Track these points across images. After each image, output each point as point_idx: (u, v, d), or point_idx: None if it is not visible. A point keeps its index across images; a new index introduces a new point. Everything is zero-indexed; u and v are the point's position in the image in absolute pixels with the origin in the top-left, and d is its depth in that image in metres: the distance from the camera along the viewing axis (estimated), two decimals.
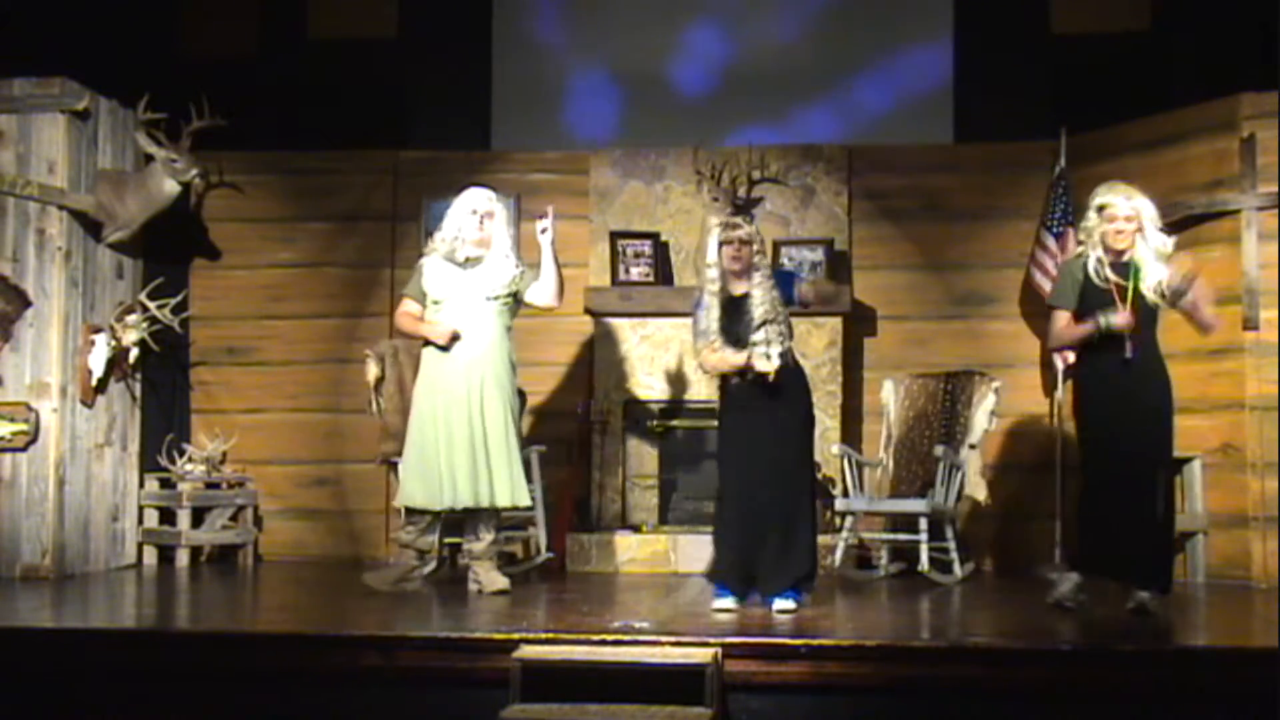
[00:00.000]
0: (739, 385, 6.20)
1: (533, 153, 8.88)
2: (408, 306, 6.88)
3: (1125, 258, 5.96)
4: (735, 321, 6.17)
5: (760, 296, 6.16)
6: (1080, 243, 6.19)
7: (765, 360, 6.09)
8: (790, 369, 6.19)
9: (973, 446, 7.74)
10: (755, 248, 6.20)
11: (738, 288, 6.22)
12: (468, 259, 6.76)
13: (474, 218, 6.75)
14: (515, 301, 6.84)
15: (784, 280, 6.36)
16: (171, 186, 7.98)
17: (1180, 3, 8.71)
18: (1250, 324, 7.41)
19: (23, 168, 7.69)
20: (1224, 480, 7.52)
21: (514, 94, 9.21)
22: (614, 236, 8.45)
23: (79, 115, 7.78)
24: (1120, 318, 5.88)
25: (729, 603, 6.08)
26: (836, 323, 8.26)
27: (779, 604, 6.04)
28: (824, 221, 8.47)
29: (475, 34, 9.23)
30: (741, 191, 8.36)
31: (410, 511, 6.85)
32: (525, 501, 6.80)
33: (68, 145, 7.74)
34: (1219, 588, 7.29)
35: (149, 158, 8.02)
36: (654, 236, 8.39)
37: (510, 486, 6.70)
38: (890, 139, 8.75)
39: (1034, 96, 8.67)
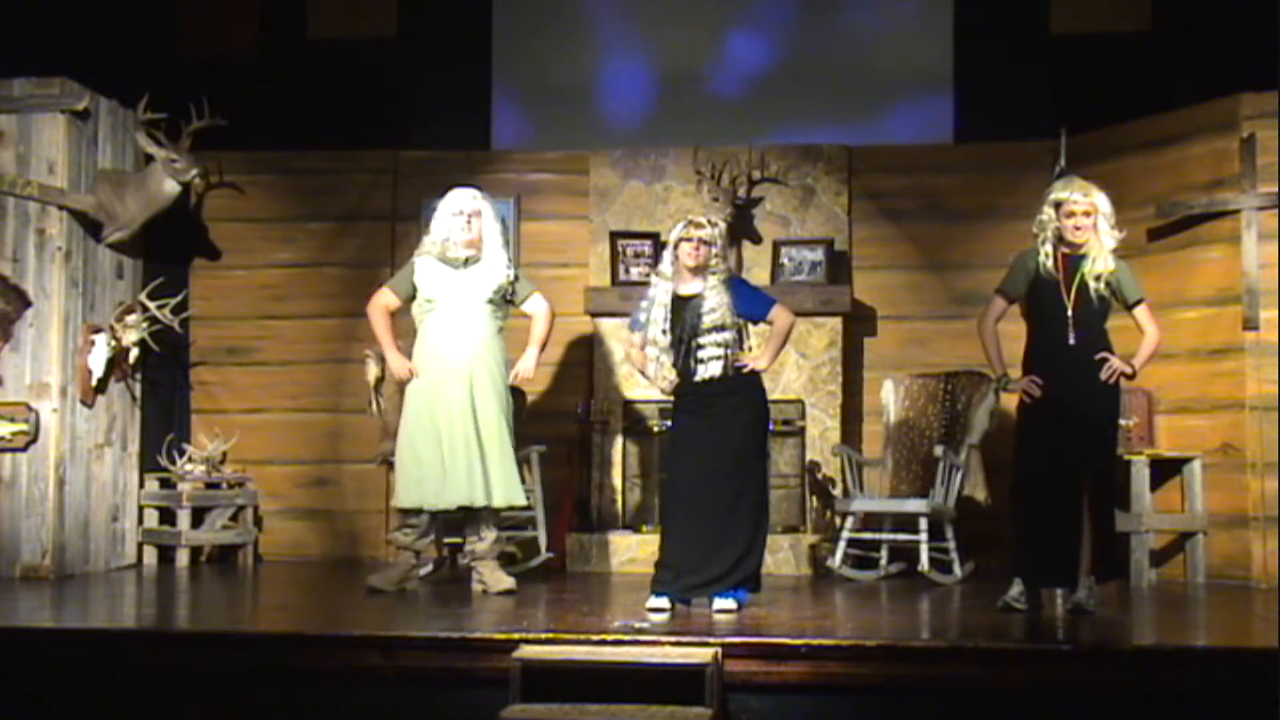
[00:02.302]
0: (685, 388, 6.18)
1: (533, 153, 8.89)
2: (385, 298, 6.91)
3: (1081, 251, 6.03)
4: (678, 322, 6.16)
5: (712, 301, 6.13)
6: (1034, 235, 6.21)
7: (665, 382, 6.24)
8: (741, 376, 6.14)
9: (973, 446, 7.74)
10: (715, 250, 6.18)
11: (689, 287, 6.20)
12: (460, 259, 6.77)
13: (461, 219, 6.76)
14: (508, 302, 6.86)
15: (756, 300, 6.29)
16: (171, 186, 7.98)
17: (1180, 3, 8.70)
18: (1250, 324, 7.41)
19: (23, 168, 7.69)
20: (1224, 480, 7.51)
21: (514, 94, 9.22)
22: (614, 236, 8.45)
23: (79, 115, 7.78)
24: (1019, 387, 6.06)
25: (663, 603, 6.01)
26: (836, 323, 8.27)
27: (719, 603, 6.03)
28: (824, 221, 8.47)
29: (475, 34, 9.23)
30: (741, 191, 8.38)
31: (405, 513, 6.87)
32: (521, 501, 6.80)
33: (68, 145, 7.74)
34: (1219, 588, 7.29)
35: (149, 158, 8.01)
36: (654, 236, 8.39)
37: (505, 486, 6.70)
38: (890, 139, 8.74)
39: (1034, 96, 8.67)
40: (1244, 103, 7.54)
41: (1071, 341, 6.00)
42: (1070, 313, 6.00)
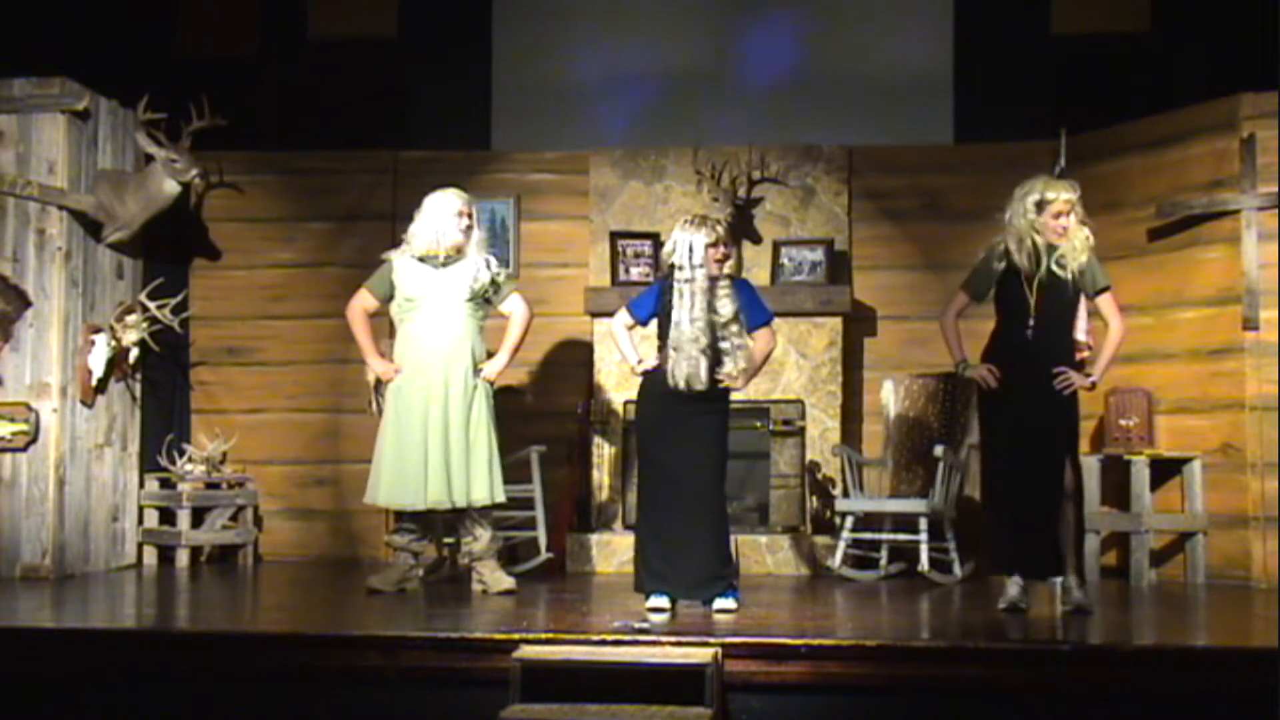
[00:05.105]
0: (660, 388, 6.10)
1: (533, 153, 8.89)
2: (364, 300, 6.92)
3: (1060, 248, 6.05)
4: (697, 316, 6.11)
5: (728, 293, 6.12)
6: (1010, 233, 6.20)
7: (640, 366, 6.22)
8: (717, 386, 6.10)
9: (973, 446, 7.74)
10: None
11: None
12: (440, 259, 6.76)
13: (459, 220, 6.73)
14: (487, 302, 6.86)
15: (754, 308, 6.26)
16: (171, 186, 7.98)
17: (1180, 3, 8.70)
18: (1250, 324, 7.41)
19: (23, 168, 7.69)
20: (1224, 480, 7.52)
21: (514, 94, 9.21)
22: (614, 236, 8.45)
23: (79, 115, 7.78)
24: (976, 373, 6.10)
25: (663, 602, 6.02)
26: (836, 323, 8.27)
27: (719, 603, 6.04)
28: (824, 221, 8.47)
29: (475, 34, 9.22)
30: (741, 191, 8.38)
31: (402, 515, 6.87)
32: (500, 498, 6.76)
33: (68, 145, 7.74)
34: (1219, 588, 7.29)
35: (149, 158, 8.02)
36: (654, 236, 8.39)
37: (487, 483, 6.69)
38: (890, 139, 8.75)
39: (1034, 96, 8.67)
40: (1244, 103, 7.54)
41: (1030, 335, 6.03)
42: (1032, 305, 6.03)
